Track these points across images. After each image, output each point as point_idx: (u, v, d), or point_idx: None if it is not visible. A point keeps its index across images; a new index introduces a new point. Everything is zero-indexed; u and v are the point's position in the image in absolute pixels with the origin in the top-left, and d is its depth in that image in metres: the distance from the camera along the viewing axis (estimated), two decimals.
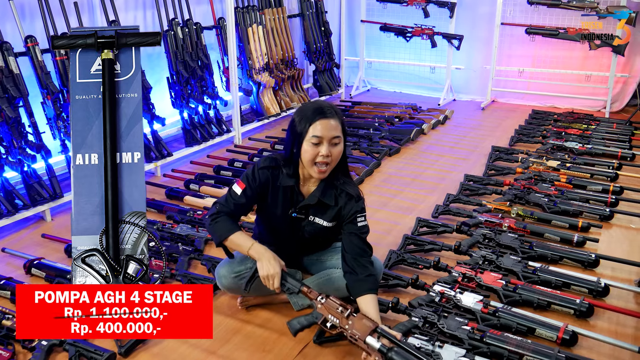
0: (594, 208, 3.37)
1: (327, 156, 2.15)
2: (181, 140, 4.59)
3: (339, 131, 2.18)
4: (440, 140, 4.97)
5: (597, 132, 4.84)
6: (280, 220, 2.35)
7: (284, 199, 2.32)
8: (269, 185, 2.29)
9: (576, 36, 5.42)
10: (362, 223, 2.30)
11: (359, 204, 2.30)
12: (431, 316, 2.29)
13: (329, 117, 2.15)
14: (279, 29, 5.37)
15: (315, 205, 2.31)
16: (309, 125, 2.15)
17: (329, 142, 2.16)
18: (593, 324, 2.40)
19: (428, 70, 6.53)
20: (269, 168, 2.29)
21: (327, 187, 2.29)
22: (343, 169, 2.32)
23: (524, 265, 2.70)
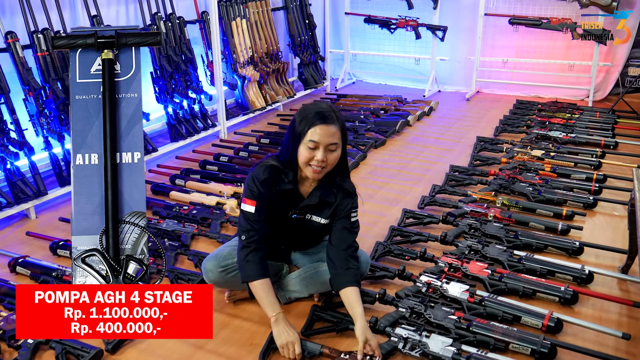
0: (578, 196, 3.40)
1: (322, 161, 2.12)
2: (166, 135, 4.56)
3: (337, 138, 2.14)
4: (425, 132, 4.98)
5: (581, 121, 4.88)
6: (279, 221, 2.34)
7: (284, 201, 2.29)
8: (271, 192, 2.25)
9: (559, 26, 5.46)
10: (354, 219, 2.32)
11: (354, 200, 2.31)
12: (418, 306, 2.30)
13: (329, 123, 2.11)
14: (263, 22, 5.34)
15: (315, 206, 2.31)
16: (308, 128, 2.11)
17: (325, 148, 2.12)
18: (578, 310, 2.43)
19: (413, 61, 6.54)
20: (269, 179, 2.23)
21: (327, 186, 2.27)
22: (342, 171, 2.29)
23: (509, 254, 2.73)
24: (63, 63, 3.54)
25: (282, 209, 2.31)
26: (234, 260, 2.36)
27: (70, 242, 2.89)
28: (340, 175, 2.28)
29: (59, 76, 3.52)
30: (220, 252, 2.41)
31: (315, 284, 2.42)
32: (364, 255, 2.46)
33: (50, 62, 3.48)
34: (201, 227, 3.14)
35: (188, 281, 2.60)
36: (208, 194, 3.53)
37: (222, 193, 3.52)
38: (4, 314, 2.31)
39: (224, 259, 2.38)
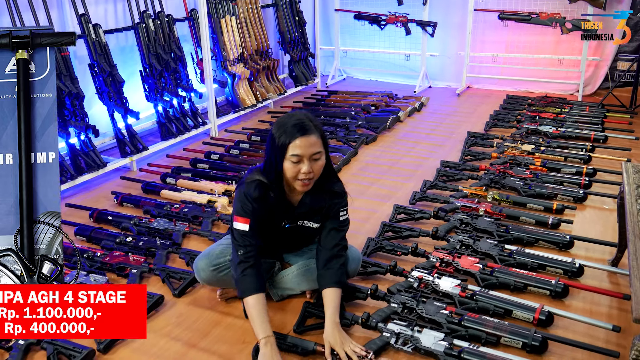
0: (568, 190, 3.42)
1: (309, 173, 2.11)
2: (156, 134, 4.54)
3: (319, 146, 2.12)
4: (416, 128, 4.99)
5: (571, 116, 4.90)
6: (271, 230, 2.33)
7: (275, 213, 2.27)
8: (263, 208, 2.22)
9: (548, 21, 5.48)
10: (343, 217, 2.32)
11: (343, 200, 2.31)
12: (410, 302, 2.31)
13: (308, 134, 2.08)
14: (252, 20, 5.33)
15: (306, 212, 2.30)
16: (289, 142, 2.08)
17: (310, 159, 2.10)
18: (568, 304, 2.44)
19: (403, 57, 6.55)
20: (260, 197, 2.20)
21: (316, 192, 2.25)
22: (329, 174, 2.27)
23: (500, 249, 2.74)
24: None
25: (275, 220, 2.30)
26: (225, 258, 2.36)
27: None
28: (327, 179, 2.27)
29: None
30: (212, 251, 2.41)
31: (307, 281, 2.42)
32: (355, 251, 2.46)
33: None
34: (192, 226, 3.13)
35: (180, 279, 2.60)
36: (199, 192, 3.52)
37: (213, 191, 3.52)
38: None
39: (215, 258, 2.37)
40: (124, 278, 2.66)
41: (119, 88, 3.95)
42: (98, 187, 3.81)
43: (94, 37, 3.83)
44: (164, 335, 2.29)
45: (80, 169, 3.71)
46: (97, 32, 3.84)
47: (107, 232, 3.00)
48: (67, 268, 2.65)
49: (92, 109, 4.12)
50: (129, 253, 2.77)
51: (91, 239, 2.99)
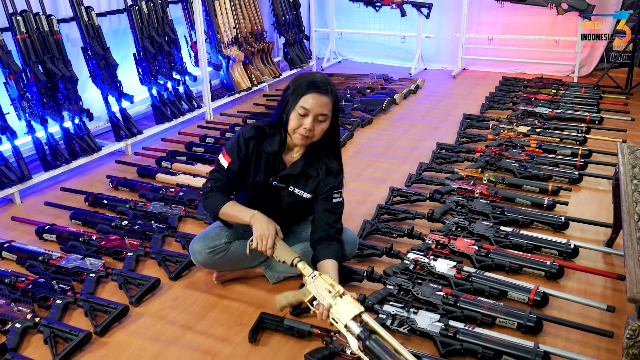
0: (564, 172, 3.42)
1: (309, 130, 2.13)
2: (151, 117, 4.52)
3: (328, 110, 2.14)
4: (412, 110, 4.98)
5: (566, 97, 4.89)
6: (260, 188, 2.33)
7: (266, 167, 2.29)
8: (253, 153, 2.27)
9: (544, 1, 5.45)
10: (337, 199, 2.30)
11: (336, 179, 2.29)
12: (406, 283, 2.32)
13: (321, 93, 2.11)
14: (246, 2, 5.28)
15: (297, 176, 2.30)
16: (301, 96, 2.12)
17: (315, 118, 2.12)
18: (563, 284, 2.45)
19: (398, 39, 6.52)
20: (254, 137, 2.26)
21: (310, 158, 2.28)
22: (333, 148, 2.30)
23: (495, 230, 2.75)
24: (44, 45, 3.49)
25: (264, 174, 2.30)
26: (221, 241, 2.36)
27: (57, 226, 2.89)
28: (329, 152, 2.29)
29: (39, 59, 3.46)
30: (207, 233, 2.41)
31: None
32: (351, 234, 2.46)
33: (30, 44, 3.42)
34: (188, 209, 3.13)
35: (176, 263, 2.60)
36: (194, 175, 3.51)
37: (208, 175, 3.50)
38: None
39: (211, 240, 2.37)
40: (120, 262, 2.66)
41: (112, 71, 3.91)
42: (93, 171, 3.80)
43: (86, 19, 3.79)
44: (160, 318, 2.29)
45: (74, 153, 3.69)
46: (89, 15, 3.80)
47: (103, 216, 3.00)
48: (63, 252, 2.65)
49: (85, 92, 4.10)
50: (125, 237, 2.77)
51: (87, 223, 2.99)
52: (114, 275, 2.47)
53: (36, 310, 2.29)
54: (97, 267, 2.51)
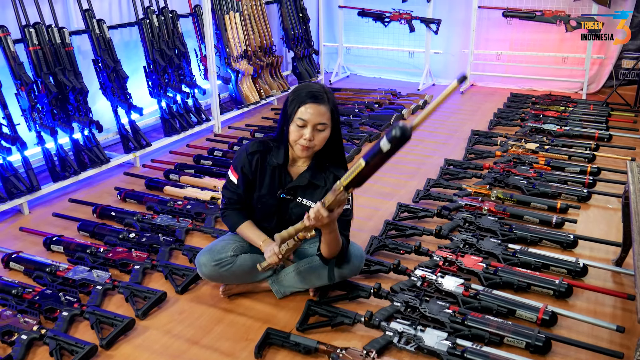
0: (572, 189, 3.40)
1: (309, 140, 2.17)
2: (160, 130, 4.54)
3: (326, 119, 2.18)
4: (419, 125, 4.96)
5: (575, 114, 4.88)
6: (268, 201, 2.35)
7: (272, 180, 2.32)
8: (258, 167, 2.32)
9: (552, 18, 5.45)
10: (345, 206, 2.29)
11: None
12: (413, 301, 2.30)
13: (319, 103, 2.15)
14: (256, 16, 5.31)
15: (304, 187, 2.32)
16: (298, 107, 2.16)
17: (314, 127, 2.16)
18: (572, 304, 2.43)
19: (407, 55, 6.54)
20: (258, 152, 2.31)
21: (317, 169, 2.31)
22: (338, 157, 2.34)
23: (504, 248, 2.73)
24: (55, 57, 3.52)
25: (271, 187, 2.33)
26: (228, 254, 2.36)
27: (65, 237, 2.89)
28: (334, 161, 2.33)
29: (51, 70, 3.49)
30: (214, 246, 2.41)
31: (310, 278, 2.41)
32: (358, 249, 2.45)
33: (42, 56, 3.45)
34: (195, 222, 3.13)
35: (182, 276, 2.59)
36: (202, 188, 3.52)
37: (216, 188, 3.51)
38: None
39: (217, 253, 2.37)
40: (126, 274, 2.66)
41: (122, 84, 3.94)
42: (101, 182, 3.81)
43: (98, 32, 3.82)
44: (166, 332, 2.29)
45: (83, 164, 3.71)
46: (101, 28, 3.84)
47: (110, 228, 3.00)
48: (70, 263, 2.65)
49: (95, 104, 4.13)
50: (132, 249, 2.77)
51: (94, 235, 2.99)
52: (120, 287, 2.47)
53: (42, 322, 2.28)
54: (104, 280, 2.51)
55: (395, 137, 1.66)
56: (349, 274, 2.39)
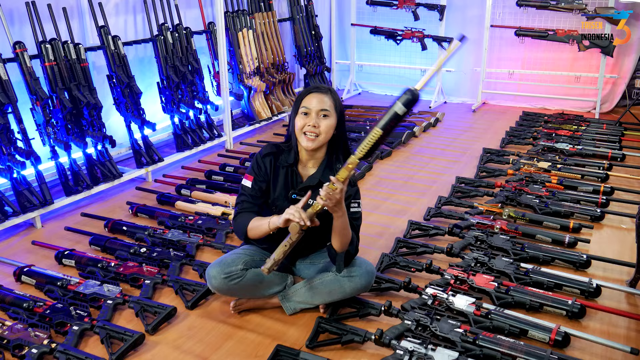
0: (585, 209, 3.38)
1: (314, 126, 2.25)
2: (172, 145, 4.57)
3: (329, 106, 2.28)
4: (431, 143, 4.98)
5: (587, 133, 4.86)
6: (281, 203, 2.36)
7: (285, 181, 2.37)
8: (271, 169, 2.38)
9: (565, 37, 5.46)
10: (354, 209, 2.35)
11: (353, 189, 2.36)
12: (424, 319, 2.28)
13: (321, 92, 2.29)
14: (269, 33, 5.36)
15: (315, 187, 2.33)
16: (302, 99, 2.29)
17: (317, 114, 2.26)
18: (585, 324, 2.40)
19: (419, 72, 6.55)
20: (270, 154, 2.39)
21: (327, 169, 2.35)
22: (344, 149, 2.40)
23: (516, 267, 2.71)
24: (70, 73, 3.56)
25: (283, 189, 2.37)
26: (238, 267, 2.36)
27: (76, 251, 2.91)
28: (342, 158, 2.36)
29: (66, 86, 3.54)
30: (224, 259, 2.41)
31: (320, 294, 2.40)
32: (369, 265, 2.44)
33: (57, 71, 3.50)
34: (206, 238, 3.14)
35: (193, 291, 2.59)
36: (214, 204, 3.53)
37: (227, 203, 3.52)
38: (8, 323, 2.30)
39: (227, 266, 2.37)
40: (137, 289, 2.66)
41: (136, 99, 3.98)
42: (113, 197, 3.83)
43: (113, 48, 3.87)
44: (175, 348, 2.28)
45: (96, 178, 3.73)
46: (116, 44, 3.88)
47: (122, 243, 3.01)
48: (81, 277, 2.66)
49: (109, 119, 4.17)
50: (143, 264, 2.78)
51: (106, 249, 3.01)
52: (131, 302, 2.48)
53: (53, 336, 2.29)
54: (115, 294, 2.52)
55: (408, 99, 1.90)
56: (359, 290, 2.38)
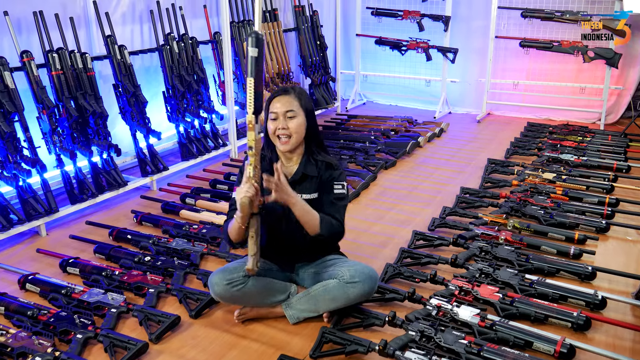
0: (590, 220, 3.37)
1: (283, 129, 2.33)
2: (177, 154, 4.59)
3: (294, 106, 2.35)
4: (436, 153, 4.98)
5: (593, 144, 4.85)
6: (271, 205, 2.34)
7: None
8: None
9: (570, 49, 5.46)
10: (338, 190, 2.41)
11: (338, 172, 2.43)
12: (428, 330, 2.28)
13: (284, 94, 2.37)
14: (274, 43, 5.39)
15: (300, 181, 2.41)
16: (269, 104, 2.38)
17: (284, 116, 2.34)
18: (590, 337, 2.39)
19: (423, 83, 6.56)
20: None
21: (308, 162, 2.42)
22: (317, 142, 2.46)
23: (520, 278, 2.70)
24: (77, 82, 3.58)
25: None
26: (240, 274, 2.36)
27: (81, 259, 2.91)
28: (318, 150, 2.45)
29: (72, 95, 3.56)
30: (227, 267, 2.44)
31: (324, 301, 2.40)
32: (371, 270, 2.42)
33: (64, 80, 3.52)
34: (211, 247, 3.14)
35: (197, 300, 2.59)
36: (218, 213, 3.53)
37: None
38: (12, 331, 2.31)
39: (230, 273, 2.38)
40: (141, 297, 2.66)
41: (142, 108, 4.00)
42: (118, 205, 3.84)
43: (119, 57, 3.89)
44: (179, 357, 2.28)
45: (101, 187, 3.74)
46: (122, 53, 3.91)
47: (126, 251, 3.01)
48: (86, 286, 2.66)
49: (115, 128, 4.18)
50: (147, 272, 2.78)
51: (110, 257, 3.01)
52: (134, 311, 2.47)
53: (57, 344, 2.29)
54: (119, 303, 2.52)
55: (254, 40, 2.05)
56: (363, 296, 2.38)
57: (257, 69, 2.09)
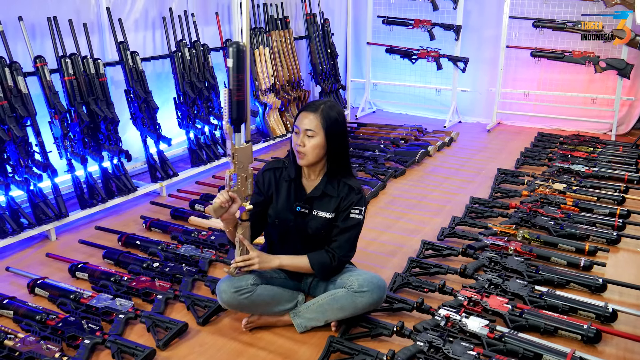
0: (601, 232, 3.34)
1: (298, 145, 2.32)
2: (187, 160, 4.60)
3: (314, 126, 2.30)
4: (445, 162, 4.96)
5: (604, 155, 4.82)
6: (286, 216, 2.40)
7: (288, 194, 2.42)
8: (272, 184, 2.43)
9: (581, 59, 5.44)
10: (354, 215, 2.40)
11: (358, 197, 2.40)
12: (436, 341, 2.26)
13: (309, 111, 2.32)
14: (285, 51, 5.40)
15: (319, 198, 2.40)
16: (297, 116, 2.36)
17: (304, 134, 2.31)
18: (601, 350, 2.37)
19: (434, 92, 6.55)
20: (272, 169, 2.46)
21: (330, 180, 2.40)
22: (340, 164, 2.41)
23: (530, 290, 2.68)
24: (89, 87, 3.61)
25: (287, 202, 2.42)
26: (248, 282, 2.36)
27: (90, 264, 2.92)
28: (342, 173, 2.42)
29: (84, 100, 3.58)
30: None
31: (332, 310, 2.39)
32: (380, 280, 2.42)
33: (76, 86, 3.55)
34: (219, 253, 3.14)
35: (204, 307, 2.59)
36: None
37: None
38: (21, 335, 2.31)
39: (238, 280, 2.37)
40: (149, 303, 2.66)
41: (153, 114, 4.02)
42: (128, 211, 3.85)
43: (131, 64, 3.92)
44: None
45: (111, 192, 3.76)
46: (134, 60, 3.93)
47: (135, 257, 3.02)
48: (94, 291, 2.67)
49: (125, 133, 4.20)
50: (155, 278, 2.79)
51: (119, 263, 3.02)
52: (142, 317, 2.48)
53: (64, 349, 2.29)
54: (127, 308, 2.52)
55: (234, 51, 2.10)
56: (371, 306, 2.38)
57: (236, 79, 2.12)
